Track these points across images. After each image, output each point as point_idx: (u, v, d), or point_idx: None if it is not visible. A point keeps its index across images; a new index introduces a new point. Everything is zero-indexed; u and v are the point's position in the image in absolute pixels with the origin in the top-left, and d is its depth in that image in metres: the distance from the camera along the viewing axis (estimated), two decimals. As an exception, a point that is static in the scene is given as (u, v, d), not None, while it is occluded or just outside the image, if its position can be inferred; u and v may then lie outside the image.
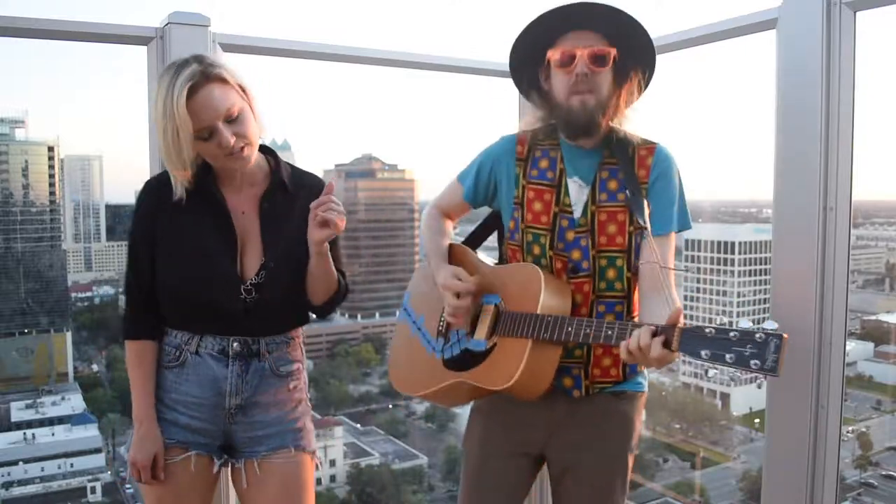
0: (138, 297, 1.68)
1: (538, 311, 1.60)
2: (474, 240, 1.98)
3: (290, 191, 1.71)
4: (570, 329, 1.55)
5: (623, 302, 1.72)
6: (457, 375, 1.73)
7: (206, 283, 1.63)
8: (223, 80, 1.55)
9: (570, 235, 1.71)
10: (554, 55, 1.67)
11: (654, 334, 1.40)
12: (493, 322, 1.71)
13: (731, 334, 1.29)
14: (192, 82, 1.49)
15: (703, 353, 1.32)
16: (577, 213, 1.71)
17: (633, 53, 1.69)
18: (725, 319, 1.53)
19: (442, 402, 1.91)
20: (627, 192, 1.67)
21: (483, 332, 1.71)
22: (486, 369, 1.67)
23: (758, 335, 1.26)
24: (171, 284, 1.65)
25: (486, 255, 1.91)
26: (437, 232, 1.90)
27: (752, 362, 1.26)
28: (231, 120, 1.54)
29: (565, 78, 1.65)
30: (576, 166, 1.73)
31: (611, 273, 1.70)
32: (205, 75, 1.51)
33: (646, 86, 1.73)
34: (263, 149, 1.73)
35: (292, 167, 1.77)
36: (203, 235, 1.64)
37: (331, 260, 1.67)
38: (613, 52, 1.65)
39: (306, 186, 1.73)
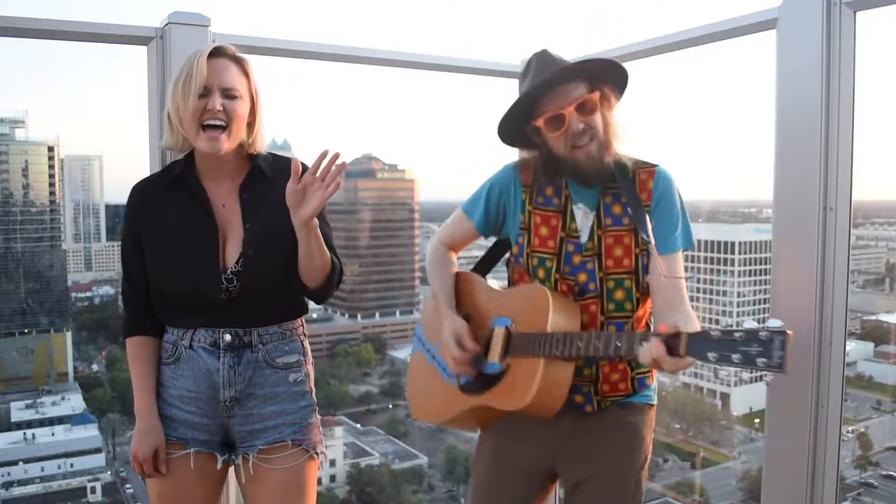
0: (132, 295, 1.73)
1: (548, 330, 1.61)
2: (483, 266, 2.00)
3: (268, 177, 1.74)
4: (580, 344, 1.55)
5: (633, 322, 1.74)
6: (473, 400, 1.75)
7: (187, 274, 1.66)
8: (244, 70, 1.68)
9: (577, 259, 1.72)
10: (541, 122, 1.67)
11: (662, 342, 1.41)
12: (505, 344, 1.72)
13: (737, 335, 1.30)
14: (219, 47, 1.66)
15: (710, 355, 1.33)
16: (584, 238, 1.73)
17: (603, 76, 1.68)
18: (729, 321, 1.55)
19: (462, 428, 1.92)
20: (629, 209, 1.69)
21: (496, 355, 1.73)
22: (502, 391, 1.69)
23: (762, 333, 1.27)
24: (159, 280, 1.69)
25: (494, 280, 1.92)
26: (442, 267, 1.92)
27: (760, 360, 1.27)
28: (228, 97, 1.64)
29: (561, 137, 1.66)
30: (580, 193, 1.75)
31: (619, 294, 1.71)
32: (232, 54, 1.68)
33: (621, 92, 1.73)
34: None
35: (272, 155, 1.78)
36: (184, 229, 1.68)
37: (321, 235, 1.65)
38: (597, 96, 1.65)
39: (284, 170, 1.71)
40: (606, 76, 1.68)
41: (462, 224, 1.90)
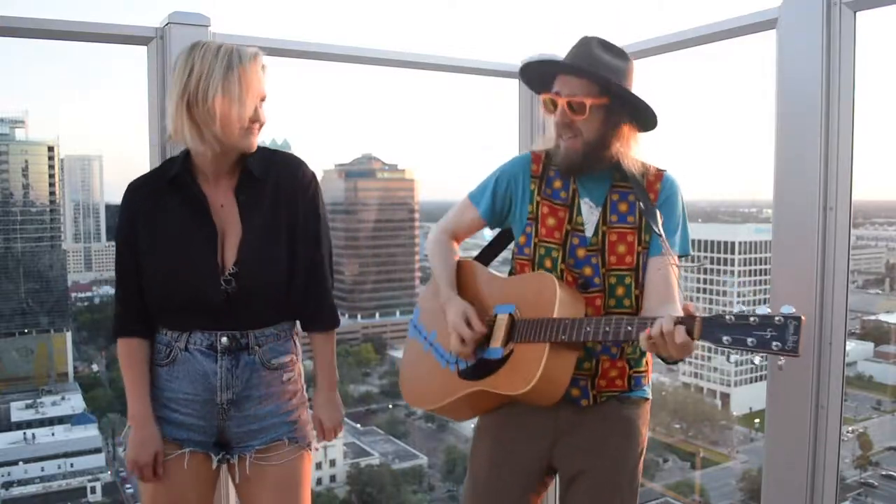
0: (125, 295, 1.71)
1: (554, 316, 1.61)
2: (485, 257, 2.00)
3: (259, 178, 1.70)
4: (588, 329, 1.56)
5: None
6: (474, 384, 1.73)
7: (186, 275, 1.64)
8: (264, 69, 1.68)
9: (581, 253, 1.74)
10: (545, 98, 1.72)
11: (677, 323, 1.42)
12: (509, 330, 1.72)
13: (751, 319, 1.33)
14: (259, 55, 1.63)
15: (724, 338, 1.35)
16: (589, 233, 1.74)
17: (624, 104, 1.68)
18: (745, 308, 1.57)
19: (456, 415, 1.89)
20: (641, 205, 1.71)
21: (499, 341, 1.72)
22: (504, 375, 1.68)
23: (777, 318, 1.31)
24: (154, 280, 1.67)
25: (494, 271, 1.92)
26: (445, 254, 1.91)
27: (774, 344, 1.30)
28: (262, 100, 1.66)
29: (553, 121, 1.71)
30: (587, 188, 1.76)
31: (620, 290, 1.72)
32: (261, 62, 1.66)
33: (645, 128, 1.73)
34: None
35: (261, 149, 1.74)
36: (182, 230, 1.66)
37: (335, 366, 1.87)
38: (589, 102, 1.64)
39: (277, 164, 1.73)
40: (626, 104, 1.67)
41: (467, 212, 1.90)
